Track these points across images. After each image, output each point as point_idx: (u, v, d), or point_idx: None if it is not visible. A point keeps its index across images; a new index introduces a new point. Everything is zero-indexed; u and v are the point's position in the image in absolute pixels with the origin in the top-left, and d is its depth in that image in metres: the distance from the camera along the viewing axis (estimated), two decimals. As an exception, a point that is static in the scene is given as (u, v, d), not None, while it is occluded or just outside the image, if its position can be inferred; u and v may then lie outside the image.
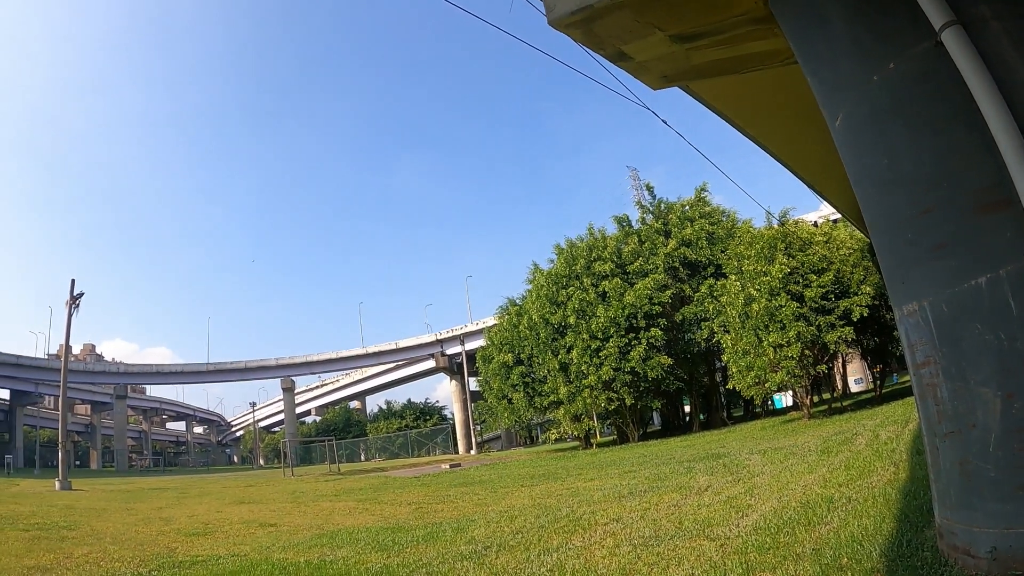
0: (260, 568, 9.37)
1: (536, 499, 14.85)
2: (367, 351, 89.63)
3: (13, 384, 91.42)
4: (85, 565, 10.47)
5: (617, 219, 41.83)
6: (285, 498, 23.40)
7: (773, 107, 11.56)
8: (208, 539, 13.27)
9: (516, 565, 7.59)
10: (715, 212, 39.99)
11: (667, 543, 7.55)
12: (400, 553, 9.55)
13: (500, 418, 45.83)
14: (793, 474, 12.30)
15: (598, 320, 34.95)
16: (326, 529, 13.54)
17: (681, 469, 16.59)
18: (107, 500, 26.63)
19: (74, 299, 40.03)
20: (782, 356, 26.79)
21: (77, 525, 16.33)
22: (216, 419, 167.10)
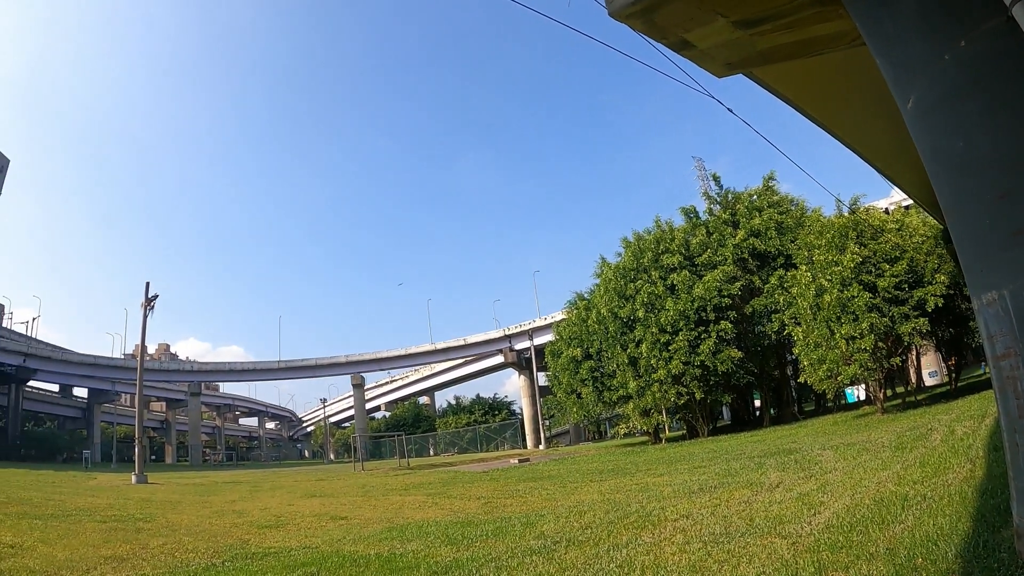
0: (331, 560, 9.43)
1: (605, 494, 14.75)
2: (436, 347, 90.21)
3: (91, 383, 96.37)
4: (160, 555, 10.67)
5: (684, 211, 41.19)
6: (355, 492, 23.60)
7: (841, 91, 11.27)
8: (280, 531, 13.46)
9: (585, 560, 7.53)
10: (783, 201, 39.00)
11: (738, 540, 7.42)
12: (469, 547, 9.55)
13: (569, 413, 45.69)
14: (866, 471, 11.99)
15: (667, 313, 34.54)
16: (396, 523, 13.61)
17: (752, 465, 16.32)
18: (182, 493, 27.21)
19: (149, 301, 41.04)
20: (855, 349, 26.15)
21: (153, 517, 16.64)
22: (287, 415, 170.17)
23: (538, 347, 69.42)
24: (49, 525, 14.43)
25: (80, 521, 15.44)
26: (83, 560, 10.16)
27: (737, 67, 8.79)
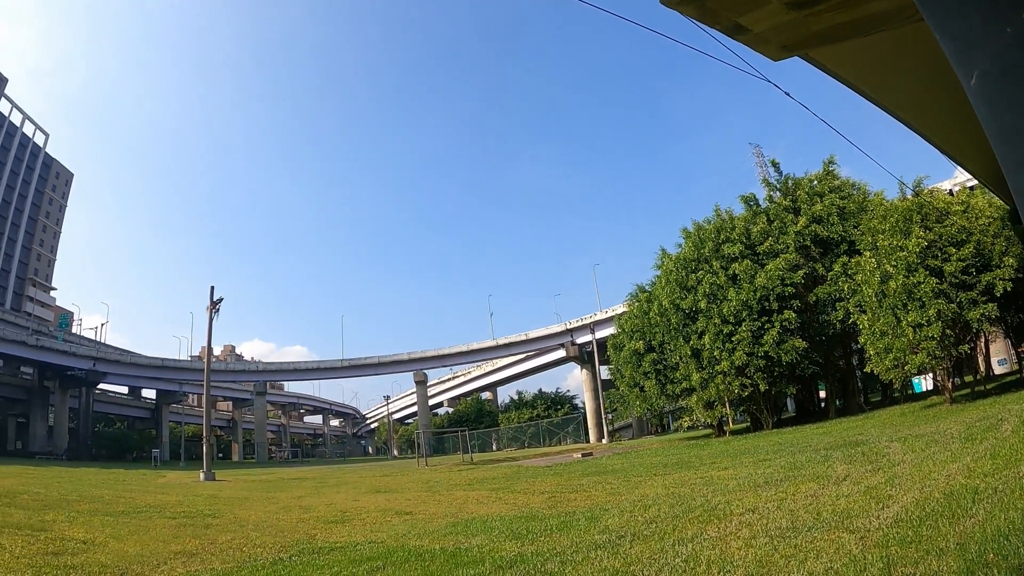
0: (396, 555, 9.51)
1: (670, 488, 14.63)
2: (497, 343, 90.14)
3: (159, 384, 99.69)
4: (228, 550, 10.86)
5: (744, 199, 40.43)
6: (420, 487, 23.78)
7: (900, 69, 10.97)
8: (346, 526, 13.60)
9: (650, 555, 7.47)
10: (845, 185, 37.98)
11: (805, 535, 7.29)
12: (534, 542, 9.55)
13: (632, 406, 45.37)
14: (935, 463, 11.70)
15: (729, 304, 34.07)
16: (460, 517, 13.68)
17: (818, 457, 16.04)
18: (249, 490, 27.63)
19: (214, 304, 41.90)
20: (921, 336, 25.47)
21: (221, 513, 16.95)
22: (351, 412, 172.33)
23: (600, 340, 69.13)
24: (120, 521, 14.72)
25: (150, 517, 15.76)
26: (153, 555, 10.37)
27: (792, 49, 8.62)
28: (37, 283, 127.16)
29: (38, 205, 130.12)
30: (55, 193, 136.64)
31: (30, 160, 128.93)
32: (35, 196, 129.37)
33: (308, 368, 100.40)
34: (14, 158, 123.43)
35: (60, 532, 12.59)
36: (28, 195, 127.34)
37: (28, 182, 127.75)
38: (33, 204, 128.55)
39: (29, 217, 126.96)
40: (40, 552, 10.29)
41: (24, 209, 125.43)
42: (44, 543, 11.11)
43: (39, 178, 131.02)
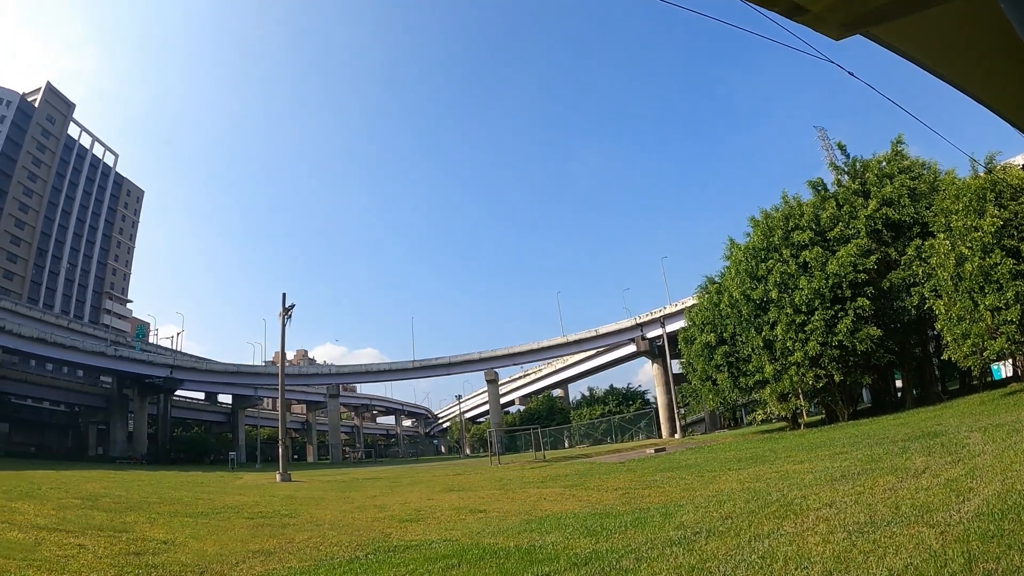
0: (471, 552, 9.59)
1: (745, 483, 14.52)
2: (567, 339, 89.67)
3: (234, 389, 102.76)
4: (306, 549, 11.12)
5: (811, 184, 39.43)
6: (493, 485, 23.91)
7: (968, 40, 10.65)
8: (420, 525, 13.77)
9: (726, 551, 7.44)
10: (914, 165, 36.67)
11: (883, 529, 7.20)
12: (608, 538, 9.57)
13: (704, 400, 44.93)
14: (1017, 453, 11.41)
15: (801, 293, 33.41)
16: (534, 515, 13.75)
17: (895, 449, 15.73)
18: (324, 490, 28.06)
19: (286, 310, 42.76)
20: (1000, 320, 24.71)
21: (297, 513, 17.30)
22: (423, 412, 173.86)
23: (670, 334, 68.41)
24: (199, 522, 15.19)
25: (228, 518, 16.20)
26: (232, 554, 10.69)
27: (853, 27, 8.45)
28: (114, 296, 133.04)
29: (111, 222, 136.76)
30: (127, 210, 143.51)
31: (101, 180, 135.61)
32: (108, 214, 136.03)
33: (379, 370, 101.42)
34: (86, 179, 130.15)
35: (141, 533, 13.06)
36: (101, 213, 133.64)
37: (101, 201, 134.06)
38: (107, 221, 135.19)
39: (103, 234, 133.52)
40: (122, 552, 10.70)
41: (98, 227, 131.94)
42: (126, 543, 11.55)
43: (111, 196, 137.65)
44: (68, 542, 11.42)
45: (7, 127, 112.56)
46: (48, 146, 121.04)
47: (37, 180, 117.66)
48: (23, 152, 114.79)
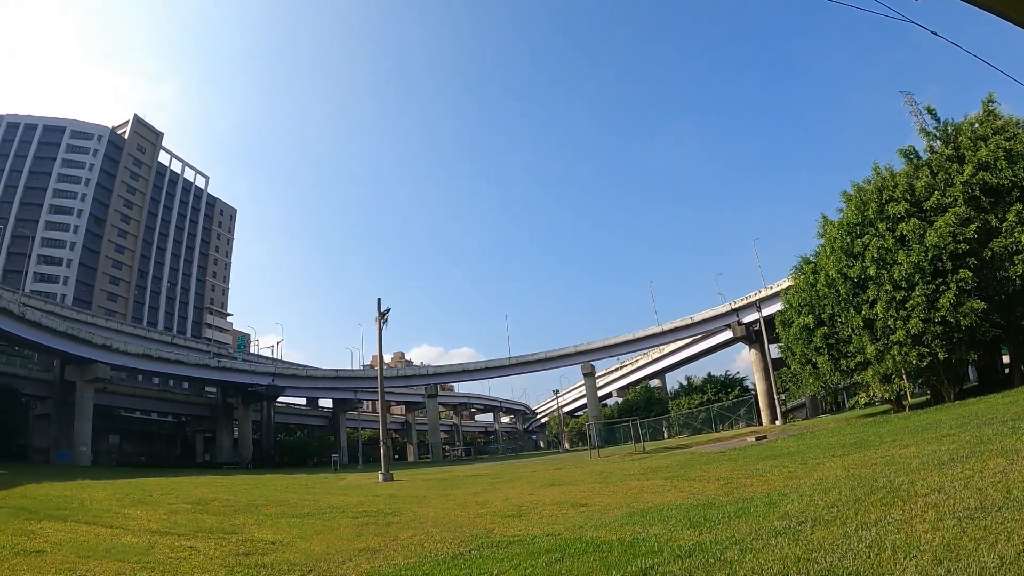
0: (574, 546, 9.64)
1: (849, 469, 14.27)
2: (663, 328, 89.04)
3: (334, 394, 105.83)
4: (410, 546, 11.35)
5: (903, 152, 37.68)
6: (593, 479, 23.90)
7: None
8: (522, 520, 13.89)
9: (833, 541, 7.37)
10: (1009, 125, 34.48)
11: (994, 515, 7.03)
12: (712, 529, 9.57)
13: (805, 384, 44.04)
14: None
15: (900, 267, 32.21)
16: (636, 507, 13.77)
17: (1005, 430, 15.16)
18: (426, 488, 28.37)
19: (382, 315, 43.61)
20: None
21: (400, 511, 17.59)
22: (521, 408, 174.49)
23: (767, 318, 66.95)
24: (306, 523, 15.66)
25: (334, 518, 16.61)
26: (339, 552, 10.99)
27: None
28: (214, 311, 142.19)
29: (207, 241, 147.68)
30: (221, 228, 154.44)
31: (194, 202, 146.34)
32: (203, 233, 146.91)
33: (476, 368, 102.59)
34: (179, 202, 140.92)
35: (250, 534, 13.57)
36: (197, 233, 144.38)
37: (195, 222, 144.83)
38: (202, 241, 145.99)
39: (200, 253, 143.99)
40: (232, 553, 11.14)
41: (195, 246, 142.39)
42: (235, 544, 12.02)
43: (205, 216, 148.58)
44: (180, 544, 11.96)
45: (100, 160, 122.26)
46: (141, 174, 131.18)
47: (133, 207, 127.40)
48: (117, 182, 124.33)
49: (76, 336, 70.45)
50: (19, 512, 17.05)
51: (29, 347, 72.80)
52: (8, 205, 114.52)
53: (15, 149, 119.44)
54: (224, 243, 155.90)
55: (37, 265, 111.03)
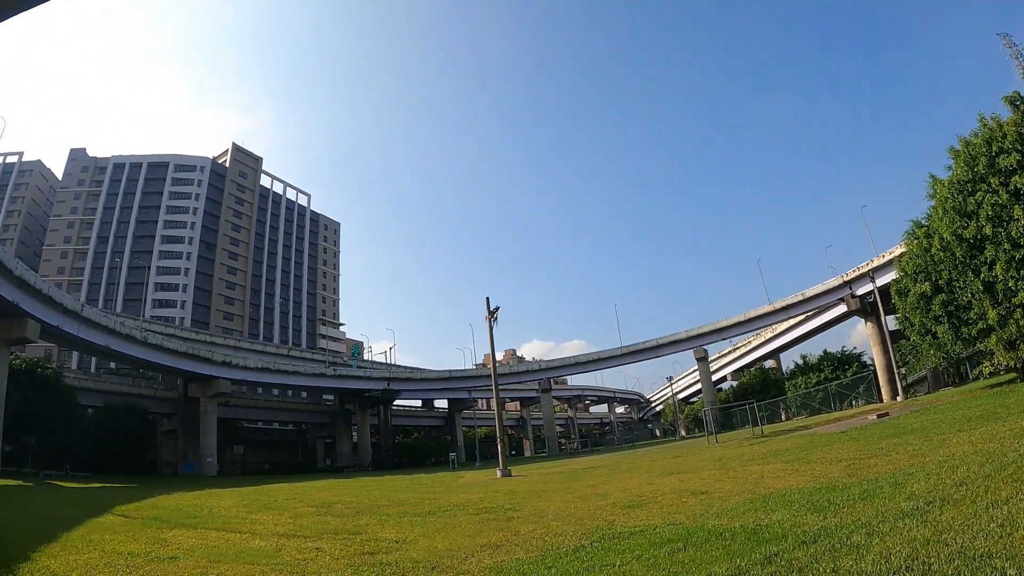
0: (696, 535, 9.61)
1: (977, 445, 13.81)
2: (774, 307, 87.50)
3: (449, 394, 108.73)
4: (531, 541, 11.42)
5: (1008, 99, 35.26)
6: (712, 465, 23.66)
7: None
8: (643, 510, 13.82)
9: (963, 521, 7.21)
10: None
11: None
12: (836, 513, 9.42)
13: (925, 356, 42.38)
14: None
15: (1017, 224, 30.37)
16: (757, 493, 13.64)
17: None
18: (544, 482, 28.39)
19: (492, 314, 43.98)
20: None
21: (520, 506, 17.67)
22: (635, 397, 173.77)
23: (881, 288, 64.49)
24: (427, 521, 15.93)
25: (455, 515, 16.84)
26: (461, 549, 11.15)
27: None
28: (326, 322, 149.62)
29: (314, 256, 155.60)
30: (327, 242, 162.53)
31: (299, 220, 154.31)
32: (310, 248, 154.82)
33: (587, 360, 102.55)
34: (284, 221, 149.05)
35: (373, 534, 13.93)
36: (304, 249, 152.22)
37: (301, 238, 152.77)
38: (310, 256, 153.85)
39: (309, 267, 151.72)
40: (356, 552, 11.45)
41: (303, 262, 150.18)
42: (360, 544, 12.35)
43: (310, 232, 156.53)
44: (306, 546, 12.39)
45: (205, 189, 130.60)
46: (245, 198, 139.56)
47: (241, 230, 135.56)
48: (223, 207, 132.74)
49: (197, 355, 74.12)
50: (152, 522, 17.95)
51: (153, 369, 77.28)
52: (123, 240, 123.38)
53: (123, 188, 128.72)
54: (331, 256, 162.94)
55: (155, 292, 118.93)
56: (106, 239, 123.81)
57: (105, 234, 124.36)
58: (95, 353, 76.45)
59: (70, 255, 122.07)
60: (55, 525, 16.24)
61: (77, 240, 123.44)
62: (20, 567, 10.36)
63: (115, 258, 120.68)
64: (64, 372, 69.13)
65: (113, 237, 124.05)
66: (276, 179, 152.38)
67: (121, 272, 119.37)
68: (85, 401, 66.95)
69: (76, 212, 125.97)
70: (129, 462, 66.35)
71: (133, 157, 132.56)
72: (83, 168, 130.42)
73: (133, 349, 65.88)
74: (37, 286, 50.33)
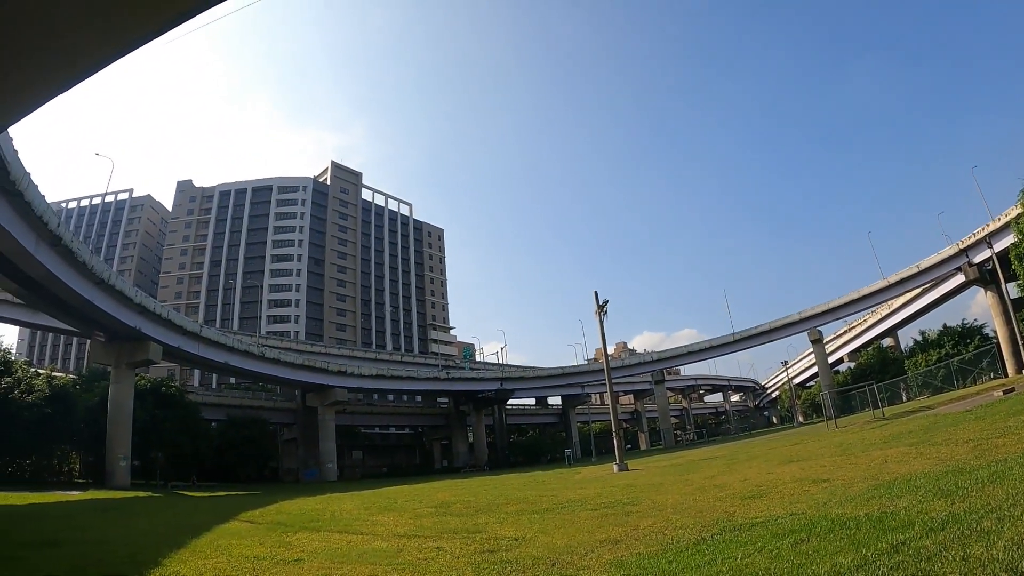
0: (819, 525, 9.47)
1: (1116, 417, 13.23)
2: (888, 282, 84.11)
3: (562, 391, 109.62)
4: (651, 535, 11.43)
5: None
6: (832, 452, 23.23)
7: None
8: (763, 501, 13.72)
9: (1103, 502, 6.98)
10: None
11: None
12: (965, 498, 9.22)
13: (1051, 325, 40.55)
14: None
15: None
16: (881, 479, 13.37)
17: None
18: (661, 475, 28.24)
19: (601, 307, 44.09)
20: None
21: (639, 500, 17.63)
22: (750, 384, 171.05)
23: (1000, 254, 61.39)
24: (545, 518, 16.05)
25: (573, 511, 16.90)
26: (580, 545, 11.21)
27: None
28: (437, 326, 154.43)
29: (420, 263, 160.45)
30: (432, 249, 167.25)
31: (402, 229, 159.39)
32: (416, 256, 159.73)
33: (699, 349, 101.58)
34: (388, 231, 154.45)
35: (492, 532, 14.13)
36: (410, 257, 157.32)
37: (406, 247, 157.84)
38: (416, 263, 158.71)
39: (416, 275, 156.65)
40: (476, 551, 11.64)
41: (410, 270, 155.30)
42: (479, 543, 12.55)
43: (414, 241, 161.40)
44: (427, 546, 12.64)
45: (308, 208, 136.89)
46: (348, 212, 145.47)
47: (347, 243, 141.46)
48: (328, 224, 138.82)
49: (313, 366, 76.95)
50: (276, 526, 18.61)
51: (272, 381, 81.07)
52: (234, 262, 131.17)
53: (231, 213, 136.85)
54: (436, 262, 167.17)
55: (269, 309, 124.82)
56: (218, 262, 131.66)
57: (217, 258, 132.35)
58: (215, 370, 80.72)
59: (186, 280, 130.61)
60: (184, 532, 16.97)
61: (191, 266, 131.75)
62: (152, 573, 10.83)
63: (228, 279, 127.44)
64: (187, 389, 73.07)
65: (225, 260, 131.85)
66: (376, 191, 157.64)
67: (235, 292, 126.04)
68: (208, 415, 70.31)
69: (188, 240, 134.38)
70: (252, 471, 69.35)
71: (237, 184, 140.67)
72: (191, 198, 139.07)
73: (251, 364, 68.84)
74: (156, 311, 53.08)
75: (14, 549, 13.51)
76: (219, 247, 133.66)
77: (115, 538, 16.09)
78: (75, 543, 14.68)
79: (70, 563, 11.66)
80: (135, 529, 18.92)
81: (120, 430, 48.31)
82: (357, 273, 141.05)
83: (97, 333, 51.60)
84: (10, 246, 34.41)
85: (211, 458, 63.18)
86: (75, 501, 30.20)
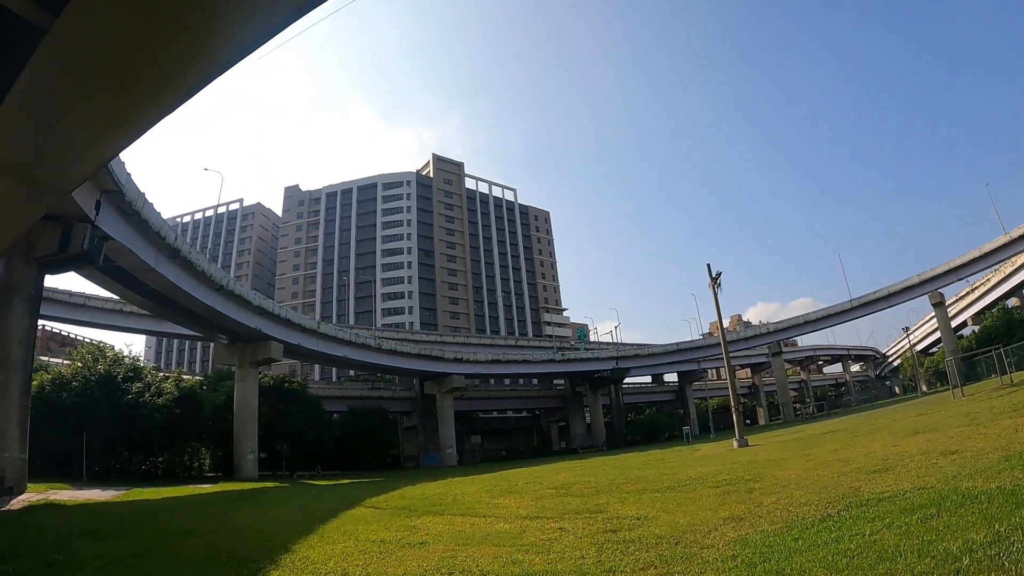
0: (949, 499, 9.24)
1: None
2: (1011, 236, 79.58)
3: (678, 367, 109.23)
4: (775, 511, 11.37)
5: None
6: (959, 422, 22.53)
7: None
8: (889, 475, 13.43)
9: None
10: None
11: None
12: (1111, 468, 8.93)
13: None
14: None
15: None
16: (1012, 450, 12.98)
17: None
18: (782, 450, 27.91)
19: (715, 280, 43.79)
20: None
21: (760, 477, 17.48)
22: (870, 353, 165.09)
23: None
24: (666, 496, 16.05)
25: (694, 489, 16.89)
26: (703, 523, 11.23)
27: None
28: (549, 309, 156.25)
29: (528, 247, 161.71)
30: (539, 232, 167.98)
31: (508, 215, 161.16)
32: (524, 240, 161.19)
33: (816, 318, 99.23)
34: (495, 218, 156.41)
35: (614, 512, 14.22)
36: (518, 243, 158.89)
37: (514, 232, 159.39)
38: (525, 247, 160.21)
39: (525, 259, 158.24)
40: (599, 530, 11.77)
41: (519, 254, 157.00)
42: (601, 523, 12.67)
43: (521, 225, 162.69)
44: (549, 527, 12.85)
45: (414, 201, 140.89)
46: (453, 203, 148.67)
47: (455, 233, 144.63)
48: (435, 215, 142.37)
49: (429, 355, 78.73)
50: (400, 511, 19.07)
51: (390, 372, 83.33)
52: (346, 259, 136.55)
53: (339, 212, 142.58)
54: (545, 244, 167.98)
55: (383, 302, 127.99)
56: (331, 261, 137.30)
57: (329, 256, 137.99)
58: (334, 364, 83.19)
59: (301, 280, 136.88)
60: (311, 519, 17.61)
61: (305, 266, 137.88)
62: (282, 558, 11.25)
63: (342, 276, 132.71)
64: (308, 384, 75.55)
65: (337, 258, 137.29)
66: (480, 180, 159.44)
67: (349, 289, 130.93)
68: (330, 407, 72.86)
69: (300, 241, 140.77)
70: (374, 459, 71.80)
71: (343, 184, 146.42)
72: (299, 202, 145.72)
73: (368, 356, 70.93)
74: (275, 312, 55.45)
75: (153, 539, 14.28)
76: (330, 246, 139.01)
77: (246, 526, 16.82)
78: (209, 532, 15.39)
79: (205, 550, 12.22)
80: (264, 517, 19.65)
81: (246, 425, 50.76)
82: (467, 261, 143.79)
83: (220, 336, 54.34)
84: (133, 262, 36.28)
85: (334, 448, 65.22)
86: (207, 493, 31.53)
